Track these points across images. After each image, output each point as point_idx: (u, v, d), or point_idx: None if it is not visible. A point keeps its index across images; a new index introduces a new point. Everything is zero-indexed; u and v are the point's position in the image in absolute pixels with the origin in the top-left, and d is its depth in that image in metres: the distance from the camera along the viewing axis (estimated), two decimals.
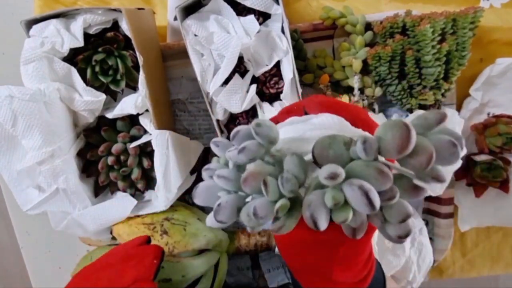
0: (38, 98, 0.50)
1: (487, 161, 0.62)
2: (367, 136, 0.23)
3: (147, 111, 0.57)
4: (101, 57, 0.54)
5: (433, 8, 0.59)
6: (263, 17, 0.55)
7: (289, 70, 0.53)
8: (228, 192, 0.28)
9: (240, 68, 0.55)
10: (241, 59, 0.54)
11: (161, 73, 0.63)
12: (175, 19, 0.56)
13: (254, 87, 0.55)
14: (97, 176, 0.59)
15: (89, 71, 0.54)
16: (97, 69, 0.54)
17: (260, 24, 0.53)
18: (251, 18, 0.53)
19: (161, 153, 0.54)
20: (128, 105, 0.55)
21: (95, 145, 0.58)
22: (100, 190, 0.60)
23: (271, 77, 0.56)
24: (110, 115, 0.56)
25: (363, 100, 0.60)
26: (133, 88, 0.58)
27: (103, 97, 0.55)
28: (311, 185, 0.26)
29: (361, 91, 0.60)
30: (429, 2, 0.62)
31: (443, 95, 0.59)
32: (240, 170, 0.28)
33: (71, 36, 0.52)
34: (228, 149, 0.29)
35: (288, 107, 0.34)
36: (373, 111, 0.62)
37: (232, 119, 0.59)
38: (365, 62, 0.59)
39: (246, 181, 0.25)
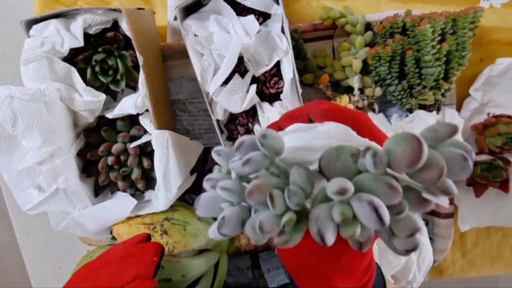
0: (38, 98, 0.50)
1: (487, 161, 0.62)
2: (377, 149, 0.22)
3: (147, 111, 0.57)
4: (101, 57, 0.54)
5: (433, 8, 0.59)
6: (263, 17, 0.55)
7: (289, 70, 0.53)
8: (231, 203, 0.27)
9: (240, 68, 0.55)
10: (241, 59, 0.54)
11: (161, 73, 0.63)
12: (175, 19, 0.56)
13: (254, 87, 0.55)
14: (97, 176, 0.59)
15: (89, 71, 0.54)
16: (97, 69, 0.54)
17: (260, 24, 0.53)
18: (251, 18, 0.53)
19: (161, 153, 0.54)
20: (128, 105, 0.55)
21: (95, 145, 0.58)
22: (100, 190, 0.60)
23: (271, 77, 0.56)
24: (110, 115, 0.56)
25: (363, 100, 0.60)
26: (133, 88, 0.58)
27: (103, 97, 0.55)
28: (317, 197, 0.25)
29: (361, 91, 0.61)
30: (429, 2, 0.62)
31: (443, 95, 0.59)
32: (243, 180, 0.28)
33: (71, 36, 0.52)
34: (230, 158, 0.28)
35: (290, 112, 0.33)
36: (373, 111, 0.62)
37: (232, 119, 0.59)
38: (365, 62, 0.59)
39: (251, 194, 0.24)
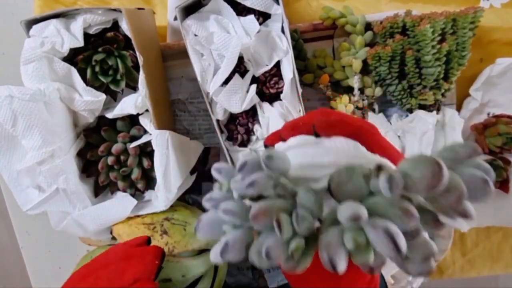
0: (38, 98, 0.50)
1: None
2: (392, 171, 0.21)
3: (147, 111, 0.57)
4: (101, 57, 0.54)
5: (433, 8, 0.59)
6: (263, 17, 0.55)
7: (289, 70, 0.53)
8: (234, 225, 0.26)
9: (240, 68, 0.55)
10: (241, 59, 0.54)
11: (161, 73, 0.63)
12: (175, 19, 0.56)
13: (254, 87, 0.55)
14: (97, 176, 0.59)
15: (89, 71, 0.54)
16: (97, 69, 0.54)
17: (260, 24, 0.53)
18: (251, 18, 0.53)
19: (161, 153, 0.54)
20: (128, 105, 0.55)
21: (95, 145, 0.58)
22: (100, 190, 0.60)
23: (271, 77, 0.56)
24: (110, 115, 0.56)
25: (363, 100, 0.60)
26: (133, 88, 0.58)
27: (103, 97, 0.55)
28: (327, 220, 0.24)
29: (361, 91, 0.61)
30: (429, 2, 0.62)
31: (443, 95, 0.59)
32: (246, 198, 0.26)
33: (71, 36, 0.52)
34: (231, 175, 0.27)
35: (294, 122, 0.31)
36: (373, 111, 0.62)
37: (232, 119, 0.59)
38: (365, 62, 0.59)
39: (256, 218, 0.23)
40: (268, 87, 0.56)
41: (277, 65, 0.55)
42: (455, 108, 0.62)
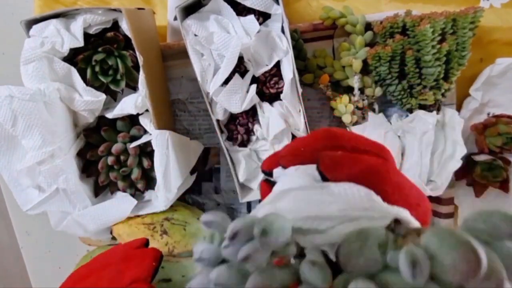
0: (38, 98, 0.50)
1: (487, 161, 0.62)
2: (416, 255, 0.18)
3: (147, 111, 0.57)
4: (101, 57, 0.54)
5: (433, 8, 0.59)
6: (263, 17, 0.55)
7: (289, 70, 0.53)
8: None
9: (240, 68, 0.55)
10: (241, 59, 0.54)
11: (161, 73, 0.63)
12: (175, 19, 0.56)
13: (254, 87, 0.55)
14: (97, 176, 0.59)
15: (89, 71, 0.54)
16: (97, 69, 0.54)
17: (260, 24, 0.53)
18: (251, 18, 0.53)
19: (161, 153, 0.54)
20: (128, 105, 0.55)
21: (95, 145, 0.58)
22: (100, 190, 0.60)
23: (271, 77, 0.56)
24: (110, 115, 0.56)
25: (363, 100, 0.60)
26: (133, 88, 0.58)
27: (103, 97, 0.55)
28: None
29: (361, 91, 0.60)
30: (429, 2, 0.62)
31: (443, 95, 0.59)
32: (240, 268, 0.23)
33: (71, 36, 0.52)
34: (223, 228, 0.23)
35: (294, 146, 0.28)
36: (373, 111, 0.62)
37: (232, 119, 0.59)
38: (365, 62, 0.59)
39: None
40: (268, 87, 0.56)
41: (277, 65, 0.55)
42: (455, 108, 0.62)
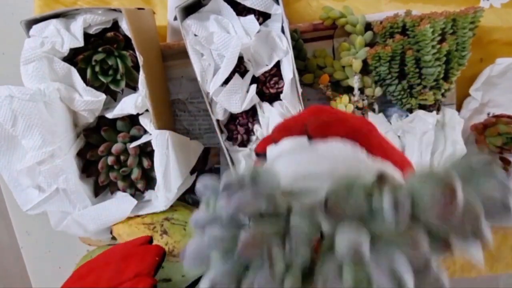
0: (38, 98, 0.50)
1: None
2: (397, 191, 0.19)
3: (147, 111, 0.57)
4: (101, 57, 0.54)
5: (433, 8, 0.59)
6: (263, 17, 0.55)
7: (289, 70, 0.53)
8: (222, 254, 0.22)
9: (240, 68, 0.55)
10: (241, 59, 0.54)
11: (161, 73, 0.63)
12: (175, 19, 0.56)
13: (254, 87, 0.55)
14: (97, 176, 0.59)
15: (89, 71, 0.54)
16: (97, 69, 0.54)
17: (260, 24, 0.53)
18: (251, 18, 0.53)
19: (161, 153, 0.54)
20: (128, 105, 0.55)
21: (95, 145, 0.58)
22: (100, 190, 0.60)
23: (271, 77, 0.56)
24: (110, 115, 0.56)
25: (363, 100, 0.60)
26: (133, 88, 0.58)
27: (103, 97, 0.55)
28: (325, 243, 0.21)
29: (361, 91, 0.60)
30: (429, 2, 0.62)
31: (443, 95, 0.59)
32: (233, 223, 0.23)
33: (71, 36, 0.52)
34: (218, 191, 0.24)
35: (285, 123, 0.29)
36: (373, 111, 0.62)
37: (232, 119, 0.59)
38: (365, 62, 0.59)
39: (244, 251, 0.20)
40: (268, 87, 0.56)
41: (277, 65, 0.55)
42: (455, 108, 0.62)
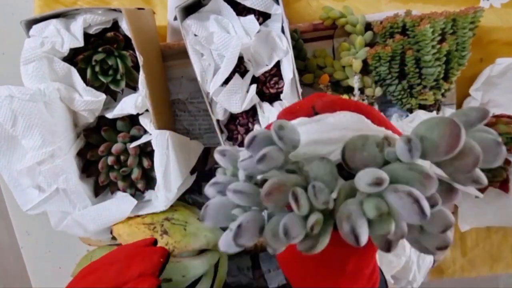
0: (38, 98, 0.50)
1: None
2: (409, 135, 0.20)
3: (147, 111, 0.57)
4: (101, 57, 0.54)
5: (433, 8, 0.59)
6: (263, 17, 0.55)
7: (289, 70, 0.53)
8: (243, 209, 0.24)
9: (240, 68, 0.55)
10: (241, 59, 0.54)
11: (161, 73, 0.63)
12: (175, 19, 0.56)
13: (254, 87, 0.55)
14: (97, 176, 0.59)
15: (89, 71, 0.54)
16: (97, 69, 0.54)
17: (260, 24, 0.53)
18: (251, 18, 0.53)
19: (161, 153, 0.54)
20: (128, 105, 0.55)
21: (95, 145, 0.58)
22: (100, 190, 0.60)
23: (271, 77, 0.56)
24: (110, 115, 0.56)
25: (363, 100, 0.60)
26: (133, 88, 0.58)
27: (103, 97, 0.55)
28: (341, 193, 0.23)
29: (361, 91, 0.60)
30: (429, 2, 0.62)
31: (443, 95, 0.59)
32: (252, 181, 0.25)
33: (71, 36, 0.52)
34: (235, 158, 0.25)
35: (291, 107, 0.31)
36: None
37: (232, 119, 0.59)
38: (365, 62, 0.59)
39: (270, 194, 0.21)
40: (268, 87, 0.56)
41: (277, 65, 0.55)
42: (455, 108, 0.62)
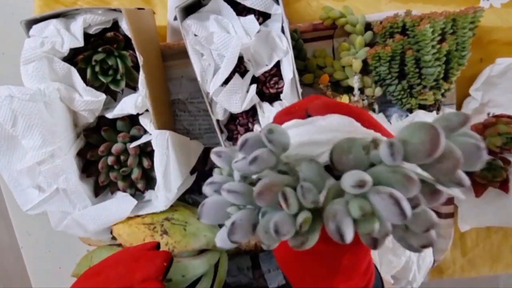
0: (38, 98, 0.50)
1: (487, 161, 0.62)
2: (392, 139, 0.21)
3: (147, 111, 0.57)
4: (101, 57, 0.54)
5: (433, 8, 0.59)
6: (263, 17, 0.55)
7: (289, 70, 0.53)
8: (237, 207, 0.26)
9: (240, 68, 0.55)
10: (241, 59, 0.54)
11: (161, 73, 0.63)
12: (175, 19, 0.56)
13: (254, 87, 0.55)
14: (97, 176, 0.59)
15: (89, 71, 0.54)
16: (97, 69, 0.54)
17: (260, 24, 0.53)
18: (251, 18, 0.53)
19: (161, 153, 0.54)
20: (128, 105, 0.55)
21: (95, 145, 0.58)
22: (100, 190, 0.60)
23: (271, 77, 0.56)
24: (110, 115, 0.56)
25: (363, 100, 0.60)
26: (133, 88, 0.58)
27: (103, 97, 0.55)
28: (330, 193, 0.24)
29: (361, 91, 0.60)
30: (429, 2, 0.62)
31: (443, 95, 0.59)
32: (246, 180, 0.27)
33: (71, 36, 0.52)
34: (231, 159, 0.27)
35: (286, 108, 0.32)
36: (373, 111, 0.62)
37: (232, 119, 0.59)
38: (365, 62, 0.59)
39: (261, 194, 0.23)
40: (268, 87, 0.56)
41: (277, 65, 0.55)
42: (455, 108, 0.62)
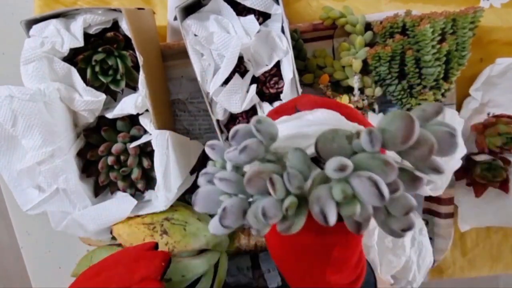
0: (38, 98, 0.50)
1: (487, 161, 0.62)
2: (371, 128, 0.23)
3: (147, 111, 0.57)
4: (101, 57, 0.54)
5: (433, 8, 0.59)
6: (263, 17, 0.55)
7: (289, 70, 0.53)
8: (229, 195, 0.27)
9: (240, 68, 0.55)
10: (241, 59, 0.54)
11: (161, 73, 0.63)
12: (175, 19, 0.56)
13: (254, 87, 0.55)
14: (97, 176, 0.59)
15: (89, 71, 0.54)
16: (97, 69, 0.54)
17: (260, 24, 0.53)
18: (251, 18, 0.53)
19: (161, 153, 0.54)
20: (128, 105, 0.55)
21: (95, 145, 0.58)
22: (100, 190, 0.60)
23: (271, 77, 0.56)
24: (110, 115, 0.56)
25: (363, 100, 0.60)
26: (133, 88, 0.58)
27: (103, 97, 0.55)
28: (315, 180, 0.26)
29: (361, 91, 0.61)
30: (429, 2, 0.62)
31: (443, 95, 0.59)
32: (239, 171, 0.28)
33: (71, 36, 0.52)
34: (224, 152, 0.28)
35: (277, 107, 0.34)
36: (373, 111, 0.62)
37: (232, 119, 0.59)
38: (365, 62, 0.59)
39: (250, 181, 0.24)
40: (268, 87, 0.56)
41: (277, 65, 0.55)
42: (455, 108, 0.62)
